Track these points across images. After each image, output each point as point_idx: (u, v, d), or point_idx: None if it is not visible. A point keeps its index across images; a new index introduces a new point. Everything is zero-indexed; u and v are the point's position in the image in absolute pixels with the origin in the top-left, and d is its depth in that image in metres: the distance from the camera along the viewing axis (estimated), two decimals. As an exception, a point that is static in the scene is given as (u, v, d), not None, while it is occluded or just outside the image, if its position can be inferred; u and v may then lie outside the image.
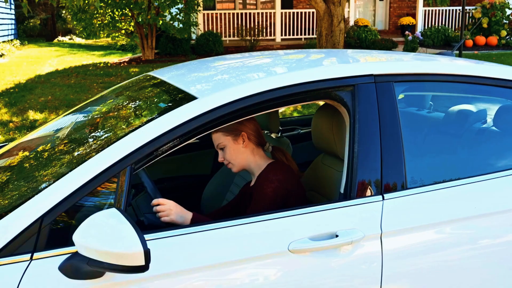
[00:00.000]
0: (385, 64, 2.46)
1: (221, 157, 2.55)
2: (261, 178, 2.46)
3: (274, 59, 2.79)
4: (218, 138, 2.52)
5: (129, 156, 1.94)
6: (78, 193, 1.85)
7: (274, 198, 2.36)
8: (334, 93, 2.23)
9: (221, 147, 2.53)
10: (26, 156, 2.53)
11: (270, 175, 2.43)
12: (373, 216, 2.11)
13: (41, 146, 2.57)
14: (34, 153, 2.52)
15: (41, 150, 2.50)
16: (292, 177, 2.47)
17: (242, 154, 2.53)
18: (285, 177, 2.44)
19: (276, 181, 2.40)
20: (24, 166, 2.39)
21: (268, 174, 2.44)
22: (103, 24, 15.55)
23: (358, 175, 2.14)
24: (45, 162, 2.29)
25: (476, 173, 2.38)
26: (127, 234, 1.66)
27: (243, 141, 2.52)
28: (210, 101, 2.07)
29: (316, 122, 2.60)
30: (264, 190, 2.39)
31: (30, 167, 2.32)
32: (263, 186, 2.40)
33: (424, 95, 3.39)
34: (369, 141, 2.17)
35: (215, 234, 1.95)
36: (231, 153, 2.52)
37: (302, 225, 2.03)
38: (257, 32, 18.26)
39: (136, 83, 2.96)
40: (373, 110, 2.21)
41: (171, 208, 2.20)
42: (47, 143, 2.60)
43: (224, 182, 3.54)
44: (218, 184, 3.55)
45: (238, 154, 2.52)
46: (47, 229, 1.82)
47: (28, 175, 2.20)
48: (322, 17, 11.13)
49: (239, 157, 2.53)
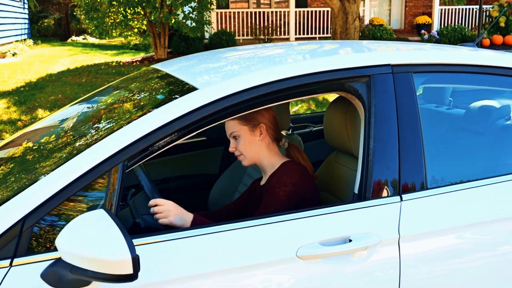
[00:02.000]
0: (403, 53, 2.25)
1: (233, 147, 2.33)
2: (274, 178, 2.25)
3: (287, 49, 2.61)
4: (234, 126, 2.31)
5: (121, 152, 1.76)
6: (64, 192, 1.68)
7: (287, 203, 2.16)
8: (348, 84, 2.03)
9: (235, 136, 2.32)
10: (11, 152, 2.36)
11: (285, 177, 2.21)
12: (390, 218, 1.91)
13: (29, 141, 2.40)
14: (20, 149, 2.35)
15: (28, 146, 2.32)
16: (308, 181, 2.27)
17: (257, 147, 2.33)
18: (301, 180, 2.23)
19: (290, 185, 2.19)
20: (7, 163, 2.21)
21: (283, 176, 2.23)
22: (115, 23, 15.44)
23: (374, 174, 1.94)
24: (30, 158, 2.12)
25: (501, 172, 2.18)
26: (114, 239, 1.48)
27: (260, 133, 2.32)
28: (212, 92, 1.89)
29: (329, 117, 2.41)
30: (276, 193, 2.18)
31: (14, 164, 2.15)
32: (275, 188, 2.19)
33: (444, 90, 3.19)
34: (386, 137, 1.98)
35: (216, 238, 1.77)
36: (245, 144, 2.31)
37: (311, 229, 1.84)
38: (270, 31, 18.08)
39: (139, 76, 2.79)
40: (391, 103, 2.02)
41: (169, 209, 2.02)
42: (36, 138, 2.43)
43: (232, 182, 3.36)
44: (226, 184, 3.37)
45: (253, 146, 2.32)
46: (29, 232, 1.64)
47: (10, 172, 2.02)
48: (337, 15, 10.93)
49: (253, 150, 2.33)
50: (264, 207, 2.18)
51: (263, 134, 2.33)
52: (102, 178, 1.73)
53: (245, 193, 2.53)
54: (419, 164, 1.99)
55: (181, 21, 15.00)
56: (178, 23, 14.82)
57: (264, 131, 2.32)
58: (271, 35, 18.00)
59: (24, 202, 1.66)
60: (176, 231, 1.76)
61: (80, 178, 1.70)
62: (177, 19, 14.93)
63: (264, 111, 2.30)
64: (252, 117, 2.29)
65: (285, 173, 2.23)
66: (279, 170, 2.28)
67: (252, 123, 2.30)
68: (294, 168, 2.27)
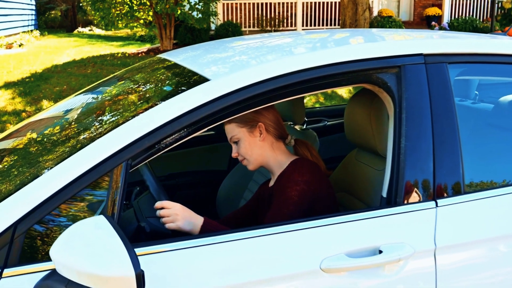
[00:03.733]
0: (437, 42, 2.03)
1: (235, 152, 2.16)
2: (284, 178, 2.07)
3: (301, 38, 2.40)
4: (232, 129, 2.13)
5: (125, 150, 1.57)
6: (60, 195, 1.49)
7: (300, 203, 1.97)
8: (375, 75, 1.83)
9: (235, 140, 2.14)
10: (5, 145, 2.16)
11: (295, 175, 2.02)
12: (425, 227, 1.71)
13: (25, 135, 2.21)
14: (14, 142, 2.16)
15: (24, 140, 2.13)
16: (321, 178, 2.07)
17: (259, 148, 2.14)
18: (313, 177, 2.04)
19: (302, 183, 1.99)
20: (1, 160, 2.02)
21: (293, 174, 2.04)
22: (121, 14, 15.25)
23: (405, 176, 1.74)
24: (23, 155, 1.92)
25: None
26: (115, 251, 1.29)
27: (260, 133, 2.13)
28: (225, 83, 1.68)
29: (351, 112, 2.21)
30: (287, 193, 1.99)
31: (5, 161, 1.96)
32: (287, 188, 2.00)
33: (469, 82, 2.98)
34: (419, 135, 1.78)
35: (232, 247, 1.57)
36: (246, 147, 2.13)
37: (337, 238, 1.64)
38: (277, 22, 17.85)
39: (145, 66, 2.59)
40: (424, 97, 1.81)
41: (177, 213, 1.83)
42: (34, 131, 2.23)
43: (242, 179, 3.16)
44: (235, 181, 3.18)
45: (255, 148, 2.13)
46: (21, 239, 1.46)
47: (2, 172, 1.83)
48: (346, 6, 10.69)
49: (256, 152, 2.14)
50: (276, 209, 1.99)
51: (263, 134, 2.13)
52: (103, 179, 1.54)
53: (253, 198, 2.34)
54: (456, 165, 1.79)
55: (187, 12, 14.81)
56: (184, 14, 14.63)
57: (264, 131, 2.13)
58: (278, 27, 17.76)
59: (16, 205, 1.47)
60: (187, 239, 1.57)
61: (79, 179, 1.51)
62: (183, 10, 14.74)
63: (263, 110, 2.11)
64: (250, 117, 2.11)
65: (295, 171, 2.05)
66: (288, 169, 2.10)
67: (250, 123, 2.12)
68: (305, 165, 2.08)
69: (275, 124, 2.18)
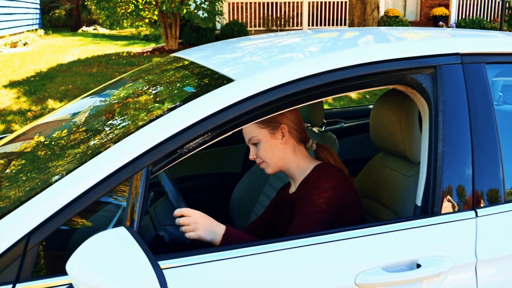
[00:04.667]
0: (474, 40, 1.91)
1: (253, 154, 2.03)
2: (309, 185, 1.94)
3: (324, 37, 2.29)
4: (251, 130, 2.00)
5: (146, 155, 1.46)
6: (76, 204, 1.38)
7: (328, 211, 1.85)
8: (409, 76, 1.71)
9: (254, 142, 2.02)
10: (17, 149, 2.05)
11: (322, 182, 1.90)
12: (465, 238, 1.60)
13: (36, 139, 2.10)
14: (28, 145, 2.04)
15: (36, 145, 2.02)
16: (348, 184, 1.95)
17: (280, 151, 2.02)
18: (340, 184, 1.91)
19: (329, 190, 1.87)
20: (10, 163, 1.91)
21: (319, 180, 1.92)
22: (127, 13, 15.17)
23: (443, 183, 1.63)
24: (37, 161, 1.81)
25: None
26: (139, 267, 1.18)
27: (283, 135, 2.01)
28: (252, 83, 1.57)
29: (378, 114, 2.10)
30: (315, 200, 1.87)
31: (17, 166, 1.85)
32: (313, 195, 1.88)
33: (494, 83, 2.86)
34: (457, 140, 1.66)
35: (257, 261, 1.46)
36: (266, 149, 2.00)
37: (372, 250, 1.53)
38: (283, 22, 17.74)
39: (161, 65, 2.48)
40: (461, 100, 1.70)
41: (197, 221, 1.71)
42: (46, 134, 2.12)
43: (256, 183, 3.05)
44: (249, 184, 3.06)
45: (276, 151, 2.01)
46: (34, 251, 1.35)
47: (13, 176, 1.72)
48: (355, 5, 10.56)
49: (277, 155, 2.01)
50: (302, 217, 1.87)
51: (285, 137, 2.01)
52: (122, 187, 1.43)
53: (271, 205, 2.23)
54: (496, 171, 1.67)
55: (193, 11, 14.73)
56: (190, 14, 14.55)
57: (286, 133, 2.01)
58: (284, 26, 17.65)
59: (29, 214, 1.36)
60: (210, 252, 1.46)
61: (96, 186, 1.40)
62: (189, 9, 14.66)
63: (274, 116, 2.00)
64: (272, 118, 1.98)
65: (322, 177, 1.93)
66: (312, 174, 1.98)
67: (272, 124, 2.00)
68: (331, 171, 1.96)
69: (297, 126, 2.06)
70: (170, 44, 15.14)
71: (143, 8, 15.41)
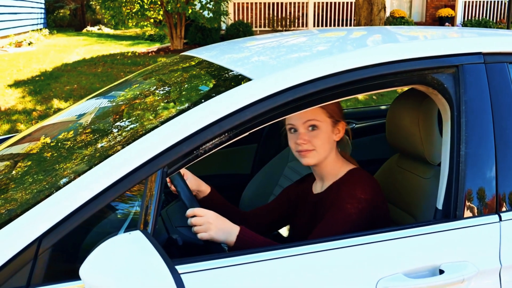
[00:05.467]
0: (497, 39, 1.86)
1: (305, 139, 1.88)
2: (343, 191, 1.85)
3: (340, 35, 2.24)
4: (316, 114, 1.88)
5: (161, 156, 1.41)
6: (90, 206, 1.33)
7: (359, 222, 1.77)
8: (430, 76, 1.66)
9: (312, 125, 1.88)
10: (27, 152, 2.01)
11: (357, 191, 1.81)
12: (489, 243, 1.55)
13: (48, 140, 2.05)
14: (37, 148, 2.00)
15: (47, 146, 1.97)
16: (381, 195, 1.88)
17: (331, 146, 1.93)
18: (375, 195, 1.83)
19: (364, 201, 1.79)
20: (21, 166, 1.87)
21: (354, 189, 1.83)
22: (132, 13, 15.15)
23: (465, 186, 1.58)
24: (49, 162, 1.76)
25: None
26: (156, 272, 1.14)
27: (339, 131, 1.95)
28: (272, 82, 1.52)
29: (395, 114, 2.05)
30: (347, 210, 1.78)
31: (28, 166, 1.80)
32: (346, 204, 1.79)
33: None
34: (480, 141, 1.62)
35: (276, 266, 1.41)
36: (323, 138, 1.89)
37: (393, 256, 1.48)
38: (288, 22, 17.69)
39: (172, 64, 2.43)
40: (484, 100, 1.65)
41: (210, 221, 1.66)
42: (56, 136, 2.08)
43: (267, 184, 3.00)
44: (259, 185, 3.01)
45: (328, 144, 1.91)
46: (46, 256, 1.31)
47: (23, 177, 1.68)
48: (361, 6, 10.52)
49: (327, 148, 1.91)
50: (330, 223, 1.79)
51: (340, 133, 1.95)
52: (136, 189, 1.38)
53: (281, 200, 2.16)
54: (521, 175, 1.62)
55: (198, 11, 14.71)
56: (195, 14, 14.52)
57: (343, 130, 1.95)
58: (289, 27, 17.61)
59: (40, 217, 1.32)
60: (226, 256, 1.41)
61: (110, 188, 1.36)
62: (194, 9, 14.64)
63: (338, 109, 1.94)
64: (336, 111, 1.93)
65: (358, 186, 1.84)
66: (347, 180, 1.90)
67: (335, 118, 1.93)
68: (366, 180, 1.88)
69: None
70: (175, 44, 15.12)
71: (148, 8, 15.39)
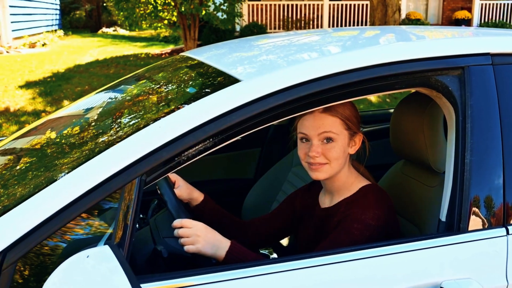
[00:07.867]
0: (506, 40, 1.74)
1: (318, 151, 1.70)
2: (354, 212, 1.69)
3: (342, 35, 2.13)
4: (333, 125, 1.70)
5: (139, 163, 1.31)
6: (58, 218, 1.23)
7: (365, 244, 1.57)
8: (434, 78, 1.55)
9: (328, 137, 1.71)
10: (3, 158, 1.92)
11: (367, 217, 1.65)
12: (495, 259, 1.43)
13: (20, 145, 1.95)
14: (14, 154, 1.91)
15: (24, 151, 1.88)
16: (393, 214, 1.74)
17: (345, 159, 1.76)
18: (387, 219, 1.68)
19: (373, 229, 1.63)
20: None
21: (364, 213, 1.66)
22: (145, 14, 15.14)
23: (470, 196, 1.46)
24: (19, 169, 1.67)
25: None
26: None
27: (355, 144, 1.78)
28: (259, 85, 1.42)
29: (399, 119, 1.93)
30: (354, 235, 1.63)
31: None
32: (354, 230, 1.64)
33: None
34: (487, 149, 1.50)
35: (266, 282, 1.31)
36: (339, 152, 1.72)
37: (391, 272, 1.37)
38: (303, 24, 17.59)
39: (167, 64, 2.34)
40: (492, 104, 1.53)
41: (198, 234, 1.55)
42: (37, 136, 1.98)
43: (270, 189, 2.90)
44: (263, 191, 2.91)
45: (342, 157, 1.74)
46: (11, 271, 1.21)
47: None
48: (376, 7, 10.38)
49: (341, 161, 1.75)
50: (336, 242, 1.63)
51: (356, 146, 1.79)
52: (111, 198, 1.29)
53: (284, 210, 2.04)
54: (531, 185, 1.50)
55: (212, 12, 14.64)
56: (209, 15, 14.46)
57: (359, 143, 1.79)
58: (304, 29, 17.50)
59: (4, 230, 1.22)
60: (211, 272, 1.31)
61: (81, 198, 1.26)
62: (208, 10, 14.57)
63: (357, 119, 1.78)
64: (354, 122, 1.76)
65: (369, 210, 1.67)
66: (358, 200, 1.74)
67: (353, 129, 1.76)
68: (379, 203, 1.71)
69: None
70: (189, 45, 15.07)
71: (162, 9, 15.37)
